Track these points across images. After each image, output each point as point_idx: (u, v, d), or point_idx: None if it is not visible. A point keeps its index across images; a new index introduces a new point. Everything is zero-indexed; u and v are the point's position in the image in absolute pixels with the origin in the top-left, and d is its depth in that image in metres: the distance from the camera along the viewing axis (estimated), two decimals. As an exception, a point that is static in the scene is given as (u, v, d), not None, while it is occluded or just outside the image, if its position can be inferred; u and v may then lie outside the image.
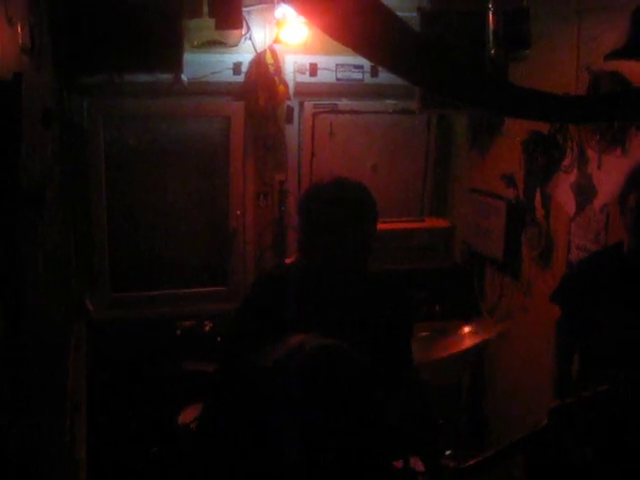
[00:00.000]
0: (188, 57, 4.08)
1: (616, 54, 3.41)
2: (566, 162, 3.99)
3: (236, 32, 4.35)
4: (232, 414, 1.44)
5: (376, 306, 2.62)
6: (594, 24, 3.70)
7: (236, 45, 4.54)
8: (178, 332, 4.65)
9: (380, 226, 4.74)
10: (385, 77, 4.77)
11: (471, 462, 2.42)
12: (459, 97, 1.97)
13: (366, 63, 4.69)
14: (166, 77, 4.12)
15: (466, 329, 3.86)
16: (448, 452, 3.55)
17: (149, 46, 3.60)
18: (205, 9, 3.77)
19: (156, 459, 4.17)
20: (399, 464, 2.75)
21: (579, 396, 2.42)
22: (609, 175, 3.68)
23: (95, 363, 4.32)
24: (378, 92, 4.98)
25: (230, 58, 4.65)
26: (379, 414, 1.46)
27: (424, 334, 3.91)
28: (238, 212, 4.90)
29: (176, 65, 3.86)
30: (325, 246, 2.49)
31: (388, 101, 5.04)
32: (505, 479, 4.29)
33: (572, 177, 3.95)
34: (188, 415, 4.01)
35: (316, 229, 2.50)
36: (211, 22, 3.75)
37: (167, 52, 3.71)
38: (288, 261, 2.74)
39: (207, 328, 4.60)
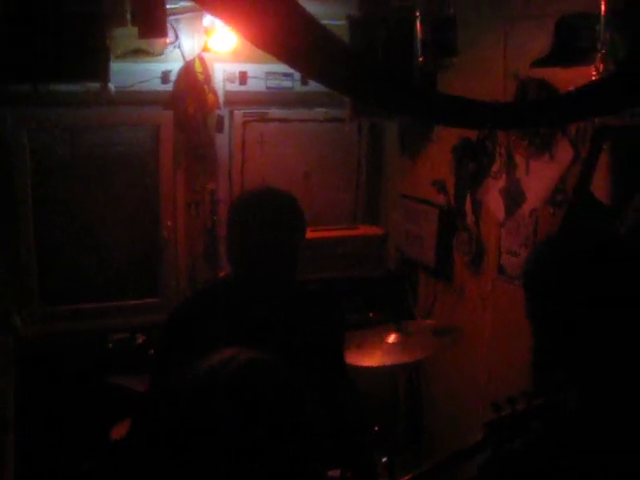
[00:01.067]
0: (115, 66, 4.01)
1: (542, 62, 3.47)
2: (495, 168, 4.04)
3: (161, 40, 4.29)
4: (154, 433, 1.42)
5: (305, 317, 2.60)
6: (521, 32, 3.76)
7: (162, 54, 4.48)
8: (110, 345, 4.57)
9: (313, 234, 4.81)
10: (315, 85, 4.69)
11: (404, 478, 2.41)
12: (386, 106, 1.97)
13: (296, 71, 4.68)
14: (93, 86, 4.05)
15: (402, 338, 3.85)
16: (384, 459, 3.56)
17: (74, 54, 3.53)
18: (129, 17, 3.71)
19: (87, 476, 4.08)
20: (335, 473, 2.74)
21: (513, 410, 2.42)
22: (537, 180, 3.73)
23: (24, 380, 4.22)
24: (308, 100, 4.97)
25: (158, 67, 4.58)
26: (310, 426, 1.44)
27: (357, 340, 3.89)
28: (169, 222, 4.84)
29: (103, 74, 3.79)
30: (252, 255, 2.46)
31: (319, 109, 5.04)
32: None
33: (501, 182, 4.00)
34: (120, 430, 3.93)
35: (243, 238, 2.47)
36: (136, 31, 3.69)
37: (93, 61, 3.65)
38: (222, 274, 2.71)
39: (139, 340, 4.53)
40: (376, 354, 3.79)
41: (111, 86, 4.04)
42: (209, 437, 1.30)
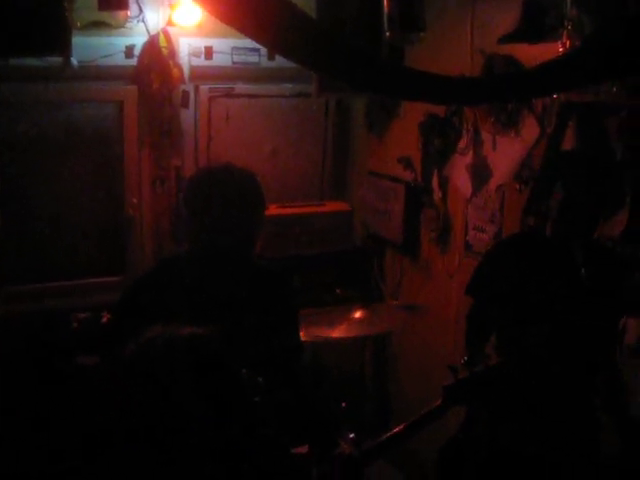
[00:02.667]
0: (77, 40, 3.92)
1: (509, 38, 3.47)
2: (462, 144, 4.04)
3: (122, 12, 4.22)
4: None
5: (257, 294, 2.58)
6: (488, 8, 3.75)
7: (123, 27, 4.40)
8: (74, 324, 4.51)
9: (280, 210, 4.80)
10: (282, 60, 4.65)
11: (366, 446, 2.43)
12: (353, 82, 1.96)
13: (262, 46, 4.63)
14: (55, 61, 3.97)
15: (368, 313, 3.86)
16: (352, 435, 3.57)
17: (33, 27, 3.45)
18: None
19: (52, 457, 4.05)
20: (302, 450, 2.74)
21: (471, 372, 2.44)
22: (504, 156, 3.74)
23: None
24: (275, 76, 4.92)
25: (122, 41, 4.50)
26: (257, 404, 1.45)
27: (323, 316, 3.90)
28: (134, 199, 4.78)
29: (64, 48, 3.71)
30: (209, 231, 2.43)
31: (285, 85, 4.99)
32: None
33: (468, 159, 4.01)
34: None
35: (201, 214, 2.44)
36: (96, 1, 3.63)
37: (54, 34, 3.56)
38: (184, 250, 2.68)
39: (104, 319, 4.48)
40: (342, 327, 3.80)
41: (73, 60, 3.97)
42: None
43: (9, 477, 3.88)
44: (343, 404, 3.68)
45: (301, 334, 2.92)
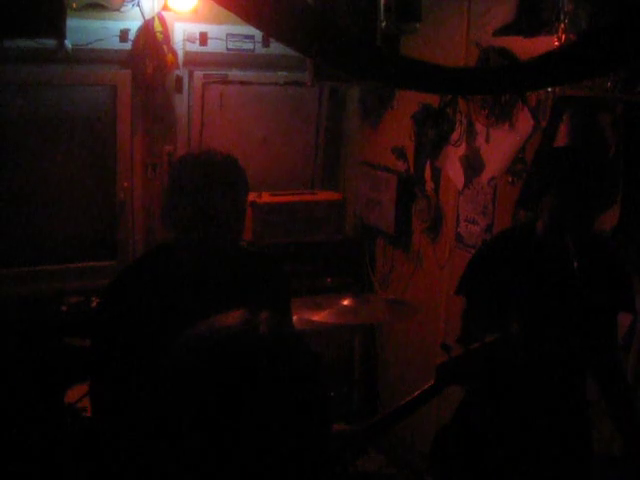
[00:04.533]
0: (72, 23, 3.91)
1: (504, 30, 3.47)
2: (455, 136, 4.05)
3: (118, -5, 4.21)
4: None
5: (250, 280, 2.57)
6: (484, 0, 3.75)
7: (119, 9, 4.38)
8: (64, 309, 4.51)
9: (271, 199, 4.80)
10: (277, 48, 4.70)
11: (362, 425, 2.43)
12: (349, 69, 1.95)
13: (257, 33, 4.61)
14: (49, 43, 3.95)
15: (357, 303, 3.87)
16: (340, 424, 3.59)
17: (28, 9, 3.43)
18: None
19: (41, 439, 4.04)
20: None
21: (466, 349, 2.42)
22: (497, 149, 3.75)
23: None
24: (269, 63, 4.91)
25: (117, 25, 4.48)
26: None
27: (312, 304, 3.90)
28: (126, 184, 4.77)
29: (58, 30, 3.70)
30: (192, 217, 2.42)
31: (279, 72, 4.98)
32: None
33: (461, 150, 4.01)
34: (74, 394, 3.89)
35: (189, 200, 2.41)
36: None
37: (48, 16, 3.55)
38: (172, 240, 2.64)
39: (94, 304, 4.48)
40: (328, 313, 3.80)
41: (67, 43, 3.95)
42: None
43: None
44: (331, 394, 3.70)
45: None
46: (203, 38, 4.70)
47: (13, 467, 4.00)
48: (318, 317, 3.73)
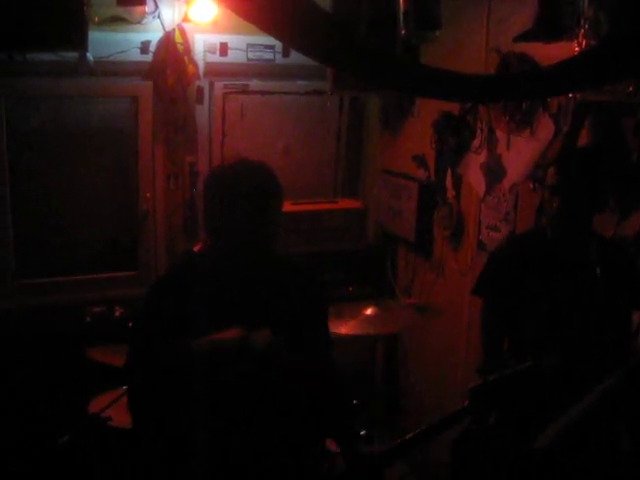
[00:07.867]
0: (94, 36, 3.95)
1: (524, 36, 3.46)
2: (476, 143, 4.03)
3: (140, 8, 4.24)
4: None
5: (286, 291, 2.57)
6: (503, 6, 3.74)
7: (140, 22, 4.42)
8: (87, 319, 4.54)
9: (293, 208, 4.80)
10: (297, 57, 4.71)
11: (389, 446, 2.41)
12: (369, 78, 1.95)
13: (277, 43, 4.64)
14: (71, 56, 3.99)
15: (380, 311, 3.86)
16: (363, 432, 3.57)
17: (51, 22, 3.46)
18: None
19: (66, 448, 4.06)
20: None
21: (501, 374, 2.41)
22: (518, 155, 3.73)
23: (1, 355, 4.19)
24: (290, 73, 4.93)
25: (138, 37, 4.52)
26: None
27: (335, 313, 3.90)
28: (148, 194, 4.80)
29: (81, 43, 3.74)
30: (235, 226, 2.42)
31: (300, 82, 5.00)
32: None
33: (482, 158, 4.00)
34: (98, 404, 3.90)
35: (225, 210, 2.42)
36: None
37: (71, 29, 3.58)
38: (196, 249, 2.66)
39: (117, 313, 4.50)
40: (353, 324, 3.80)
41: (89, 56, 3.99)
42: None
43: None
44: (355, 401, 3.69)
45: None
46: (223, 49, 4.73)
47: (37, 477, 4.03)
48: (343, 329, 3.74)
